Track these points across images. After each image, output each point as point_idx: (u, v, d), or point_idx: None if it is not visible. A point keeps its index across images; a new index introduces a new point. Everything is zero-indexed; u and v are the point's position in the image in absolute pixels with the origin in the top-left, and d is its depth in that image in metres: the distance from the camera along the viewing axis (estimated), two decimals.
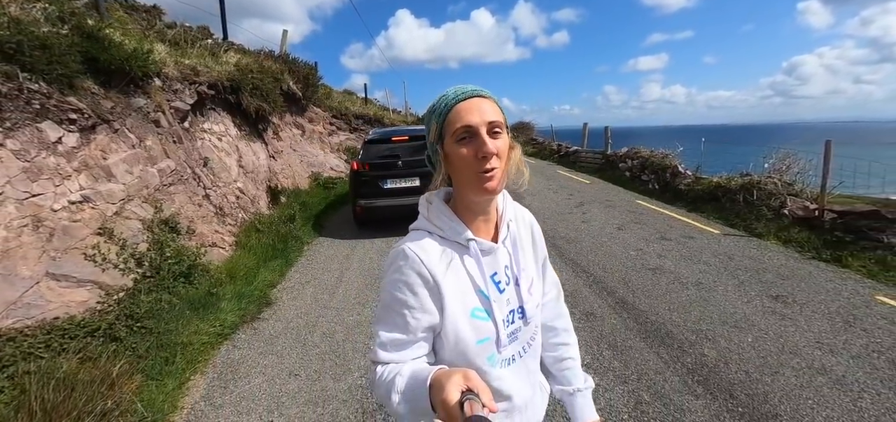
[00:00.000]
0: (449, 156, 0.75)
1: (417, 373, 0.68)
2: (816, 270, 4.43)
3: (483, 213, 0.80)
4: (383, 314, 0.77)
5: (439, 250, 0.77)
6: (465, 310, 0.76)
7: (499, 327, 0.77)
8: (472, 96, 0.74)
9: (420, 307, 0.73)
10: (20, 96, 2.98)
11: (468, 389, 0.56)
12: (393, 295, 0.75)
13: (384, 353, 0.75)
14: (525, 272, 0.84)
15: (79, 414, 1.97)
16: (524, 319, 0.83)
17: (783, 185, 6.22)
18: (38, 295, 2.65)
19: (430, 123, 0.78)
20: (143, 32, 4.92)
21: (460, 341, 0.75)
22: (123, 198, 3.54)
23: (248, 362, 2.95)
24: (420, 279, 0.73)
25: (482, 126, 0.71)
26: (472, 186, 0.74)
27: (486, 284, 0.78)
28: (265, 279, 4.25)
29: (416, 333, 0.74)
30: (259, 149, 6.97)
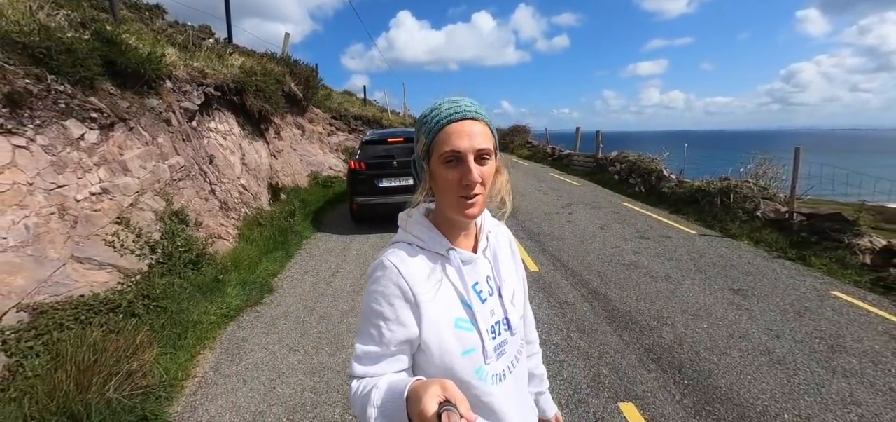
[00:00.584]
0: (434, 175, 0.74)
1: (394, 385, 0.68)
2: (780, 268, 4.77)
3: (463, 226, 0.81)
4: (361, 327, 0.77)
5: (419, 261, 0.76)
6: (449, 320, 0.75)
7: (484, 337, 0.77)
8: (465, 118, 0.72)
9: (396, 319, 0.73)
10: (48, 96, 3.29)
11: (446, 399, 0.56)
12: (370, 307, 0.75)
13: (360, 366, 0.74)
14: (506, 283, 0.85)
15: (109, 373, 2.28)
16: (510, 330, 0.82)
17: (758, 189, 6.58)
18: (65, 275, 2.96)
19: (419, 136, 0.77)
20: (155, 36, 5.23)
21: (445, 352, 0.74)
22: (138, 191, 3.86)
23: (252, 340, 3.26)
24: (397, 290, 0.73)
25: (470, 153, 0.71)
26: (452, 208, 0.75)
27: (468, 294, 0.77)
28: (267, 269, 4.57)
29: (391, 346, 0.73)
30: (261, 148, 7.29)
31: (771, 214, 5.97)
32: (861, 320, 3.55)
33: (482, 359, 0.76)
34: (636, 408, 2.43)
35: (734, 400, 2.50)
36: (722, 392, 2.57)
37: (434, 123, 0.73)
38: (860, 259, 4.71)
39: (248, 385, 2.71)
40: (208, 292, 3.65)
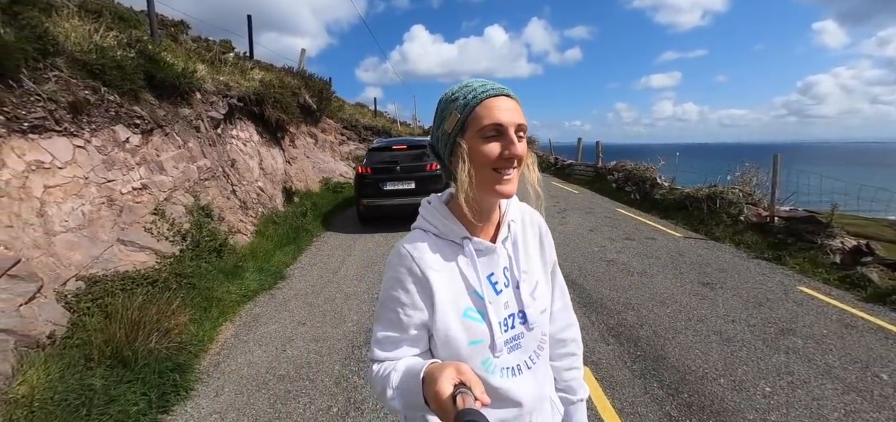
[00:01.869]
0: (469, 151, 0.71)
1: (411, 367, 0.69)
2: (755, 266, 5.09)
3: (485, 212, 0.77)
4: (380, 313, 0.78)
5: (434, 248, 0.76)
6: (457, 309, 0.74)
7: (494, 330, 0.75)
8: (502, 94, 0.71)
9: (411, 304, 0.73)
10: (102, 105, 3.90)
11: (461, 382, 0.57)
12: (388, 293, 0.75)
13: (380, 351, 0.76)
14: (527, 275, 0.81)
15: (151, 329, 2.79)
16: (526, 324, 0.79)
17: (744, 194, 6.89)
18: (113, 254, 3.51)
19: (449, 112, 0.73)
20: (187, 53, 5.89)
21: (451, 340, 0.74)
22: (171, 187, 4.43)
23: (267, 316, 3.76)
24: (411, 276, 0.73)
25: (511, 126, 0.69)
26: (486, 187, 0.71)
27: (481, 285, 0.75)
28: (280, 260, 5.09)
29: (409, 330, 0.74)
30: (277, 154, 7.90)
31: (753, 219, 6.28)
32: (818, 310, 3.88)
33: (490, 352, 0.75)
34: (591, 372, 2.83)
35: (678, 367, 2.89)
36: (669, 362, 2.96)
37: (471, 97, 0.71)
38: (831, 258, 5.00)
39: (262, 348, 3.20)
40: (229, 276, 4.17)
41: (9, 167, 2.98)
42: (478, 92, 0.70)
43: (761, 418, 2.39)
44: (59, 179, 3.31)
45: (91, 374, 2.46)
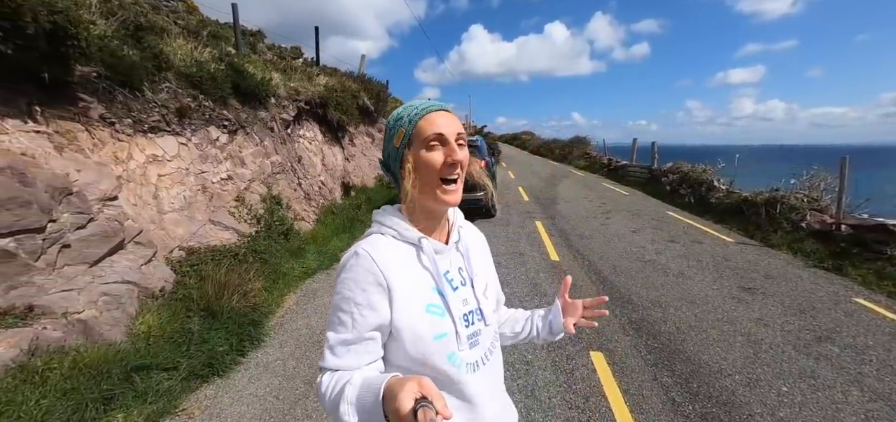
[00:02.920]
0: (415, 162, 0.76)
1: (369, 382, 0.67)
2: (809, 275, 4.84)
3: (436, 219, 0.83)
4: (333, 316, 0.77)
5: (392, 248, 0.78)
6: (420, 305, 0.76)
7: (456, 323, 0.78)
8: (441, 109, 0.78)
9: (367, 304, 0.73)
10: (199, 110, 4.74)
11: (422, 396, 0.56)
12: (342, 294, 0.75)
13: (332, 357, 0.74)
14: (479, 276, 0.87)
15: (233, 291, 3.46)
16: (483, 320, 0.84)
17: (809, 199, 6.43)
18: (205, 232, 4.30)
19: (396, 129, 0.79)
20: (264, 64, 6.78)
21: (418, 336, 0.75)
22: (250, 179, 5.23)
23: (323, 290, 4.36)
24: (370, 275, 0.73)
25: (452, 136, 0.75)
26: (432, 195, 0.76)
27: (440, 281, 0.79)
28: (336, 245, 5.73)
29: (363, 331, 0.73)
30: (337, 152, 8.70)
31: (816, 226, 5.87)
32: (869, 322, 3.69)
33: (455, 344, 0.78)
34: (604, 356, 3.04)
35: (693, 361, 2.99)
36: (685, 356, 3.07)
37: (414, 113, 0.77)
38: None
39: (318, 315, 3.77)
40: (294, 255, 4.86)
41: (134, 159, 3.82)
42: (419, 109, 0.78)
43: (769, 413, 2.46)
44: (168, 170, 4.13)
45: (190, 321, 3.15)
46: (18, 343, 2.39)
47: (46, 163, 2.93)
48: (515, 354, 3.05)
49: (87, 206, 3.03)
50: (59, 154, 3.11)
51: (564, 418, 2.37)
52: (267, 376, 2.85)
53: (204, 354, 2.90)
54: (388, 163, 0.84)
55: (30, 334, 2.46)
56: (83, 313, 2.75)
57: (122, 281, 3.08)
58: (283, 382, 2.78)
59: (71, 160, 3.14)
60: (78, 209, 2.96)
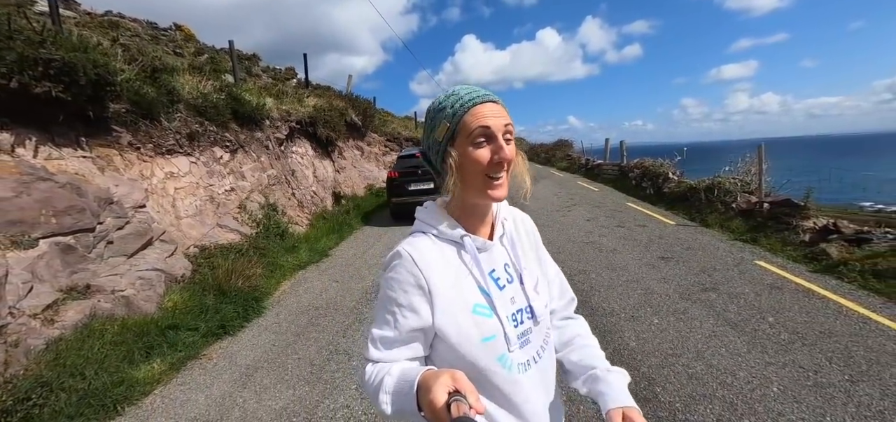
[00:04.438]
0: (460, 158, 0.73)
1: (406, 373, 0.68)
2: (726, 246, 5.70)
3: (480, 214, 0.80)
4: (376, 312, 0.78)
5: (435, 249, 0.77)
6: (466, 306, 0.74)
7: (504, 324, 0.75)
8: (488, 100, 0.73)
9: (408, 306, 0.73)
10: (205, 133, 5.67)
11: (456, 390, 0.56)
12: (386, 293, 0.76)
13: (375, 350, 0.75)
14: (528, 271, 0.83)
15: (238, 275, 4.34)
16: (534, 318, 0.80)
17: (741, 184, 7.31)
18: (215, 233, 5.19)
19: (439, 122, 0.75)
20: (259, 90, 7.73)
21: (464, 339, 0.74)
22: (250, 190, 6.14)
23: (312, 278, 5.24)
24: (411, 278, 0.73)
25: (499, 130, 0.72)
26: (478, 191, 0.74)
27: (485, 281, 0.77)
28: (326, 244, 6.62)
29: (404, 332, 0.74)
30: (328, 165, 9.64)
31: (743, 205, 6.74)
32: (757, 278, 4.52)
33: (505, 346, 0.75)
34: None
35: (594, 308, 3.85)
36: (590, 305, 3.92)
37: (458, 106, 0.73)
38: (800, 237, 5.47)
39: (307, 294, 4.64)
40: (289, 252, 5.75)
41: (156, 176, 4.74)
42: (465, 100, 0.73)
43: (636, 336, 3.30)
44: (183, 183, 5.05)
45: (206, 297, 4.03)
46: (82, 311, 3.27)
47: (93, 180, 3.85)
48: None
49: (124, 212, 3.94)
50: (101, 173, 4.02)
51: None
52: (266, 333, 3.73)
53: (217, 319, 3.78)
54: (428, 155, 0.81)
55: (89, 305, 3.34)
56: (126, 291, 3.63)
57: (153, 269, 3.97)
58: (278, 337, 3.65)
59: (110, 177, 4.06)
60: (118, 215, 3.87)
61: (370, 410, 2.50)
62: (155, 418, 2.59)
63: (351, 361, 3.11)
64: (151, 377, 3.00)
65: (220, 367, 3.18)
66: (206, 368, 3.19)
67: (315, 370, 3.01)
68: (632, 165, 11.46)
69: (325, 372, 2.98)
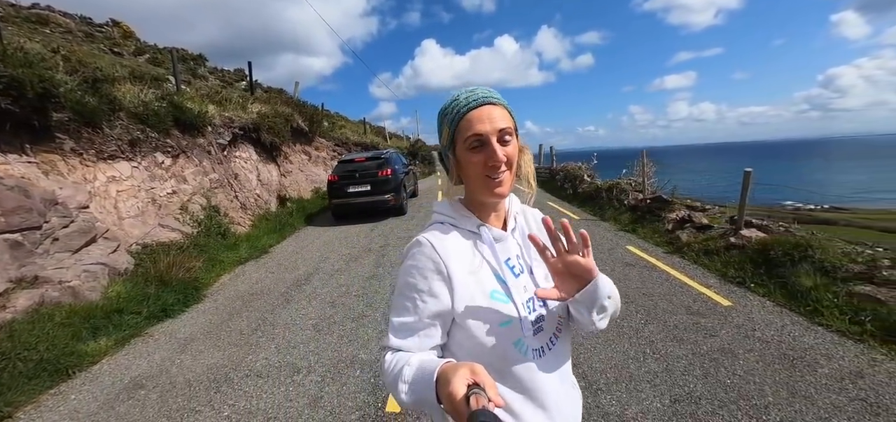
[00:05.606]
0: (461, 161, 0.79)
1: (425, 364, 0.70)
2: (610, 234, 6.87)
3: (493, 208, 0.85)
4: (396, 300, 0.81)
5: (453, 237, 0.80)
6: (484, 292, 0.77)
7: (520, 309, 0.78)
8: (483, 104, 0.77)
9: (428, 291, 0.76)
10: (147, 140, 6.07)
11: (475, 383, 0.57)
12: (405, 280, 0.79)
13: (395, 338, 0.78)
14: (537, 262, 0.85)
15: (179, 268, 4.86)
16: (545, 306, 0.83)
17: (635, 185, 8.64)
18: (156, 232, 5.63)
19: (442, 127, 0.82)
20: (201, 98, 8.10)
21: (482, 323, 0.76)
22: (192, 193, 6.58)
23: (250, 271, 5.81)
24: (430, 263, 0.76)
25: (493, 135, 0.75)
26: (482, 191, 0.79)
27: (501, 268, 0.80)
28: (267, 242, 7.16)
29: (424, 317, 0.76)
30: (272, 169, 10.08)
31: (633, 202, 8.03)
32: (622, 258, 5.65)
33: (520, 331, 0.77)
34: None
35: None
36: None
37: (455, 112, 0.78)
38: (665, 226, 6.75)
39: (244, 284, 5.23)
40: (229, 249, 6.27)
41: (98, 179, 5.14)
42: (461, 105, 0.78)
43: None
44: (124, 187, 5.47)
45: (148, 288, 4.54)
46: (32, 298, 3.73)
47: (39, 183, 4.26)
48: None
49: (68, 212, 4.38)
50: (46, 177, 4.43)
51: None
52: (204, 315, 4.32)
53: (159, 305, 4.32)
54: (442, 155, 0.87)
55: (38, 294, 3.80)
56: (72, 282, 4.10)
57: (97, 263, 4.43)
58: (214, 316, 4.25)
59: (55, 181, 4.47)
60: (62, 214, 4.31)
61: (283, 360, 3.22)
62: (102, 379, 3.15)
63: (274, 329, 3.81)
64: (98, 351, 3.53)
65: (161, 341, 3.76)
66: (149, 342, 3.75)
67: (243, 337, 3.67)
68: (558, 169, 12.77)
69: (251, 338, 3.65)
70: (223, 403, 2.70)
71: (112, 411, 2.69)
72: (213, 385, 2.92)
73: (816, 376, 2.83)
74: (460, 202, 0.87)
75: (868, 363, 2.98)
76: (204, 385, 2.92)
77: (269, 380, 2.93)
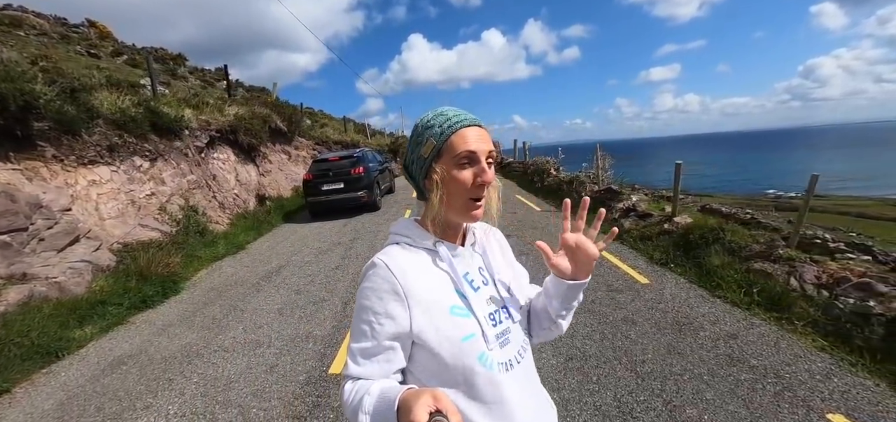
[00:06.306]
0: (443, 176, 0.77)
1: (386, 393, 0.68)
2: (560, 221, 7.45)
3: (453, 227, 0.86)
4: (354, 326, 0.78)
5: (408, 256, 0.80)
6: (443, 308, 0.77)
7: (482, 323, 0.78)
8: (474, 124, 0.78)
9: (385, 313, 0.74)
10: (125, 145, 6.44)
11: (437, 410, 0.56)
12: (361, 304, 0.77)
13: (354, 365, 0.76)
14: (500, 273, 0.89)
15: (159, 263, 5.28)
16: (511, 317, 0.85)
17: (591, 178, 9.25)
18: (136, 232, 6.02)
19: (425, 139, 0.79)
20: (178, 102, 8.43)
21: (444, 339, 0.76)
22: (170, 194, 6.97)
23: (226, 266, 6.24)
24: (386, 284, 0.75)
25: (483, 155, 0.77)
26: (459, 211, 0.79)
27: (459, 283, 0.80)
28: (244, 239, 7.58)
29: (382, 340, 0.75)
30: (251, 169, 10.45)
31: (589, 194, 8.64)
32: None
33: (484, 344, 0.78)
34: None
35: None
36: None
37: (446, 126, 0.77)
38: (613, 215, 7.35)
39: (220, 277, 5.68)
40: (207, 246, 6.69)
41: (80, 183, 5.52)
42: (453, 121, 0.78)
43: None
44: (105, 190, 5.85)
45: (129, 282, 4.96)
46: (22, 292, 4.14)
47: (23, 188, 4.65)
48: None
49: (52, 214, 4.77)
50: (30, 182, 4.81)
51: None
52: (181, 305, 4.77)
53: (140, 297, 4.75)
54: (409, 169, 0.86)
55: (27, 288, 4.21)
56: (58, 278, 4.51)
57: (81, 261, 4.84)
58: (190, 305, 4.71)
59: (38, 186, 4.85)
60: (47, 217, 4.71)
61: (248, 338, 3.71)
62: (89, 359, 3.60)
63: (243, 314, 4.28)
64: (85, 337, 3.97)
65: (141, 327, 4.21)
66: (130, 329, 4.20)
67: (215, 321, 4.14)
68: (530, 163, 13.36)
69: (222, 322, 4.12)
70: (193, 372, 3.18)
71: (98, 384, 3.15)
72: (186, 359, 3.40)
73: (697, 337, 3.42)
74: (416, 222, 0.86)
75: (745, 327, 3.58)
76: (178, 360, 3.40)
77: (235, 353, 3.42)
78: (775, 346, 3.24)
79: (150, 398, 2.89)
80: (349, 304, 4.34)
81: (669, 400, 2.61)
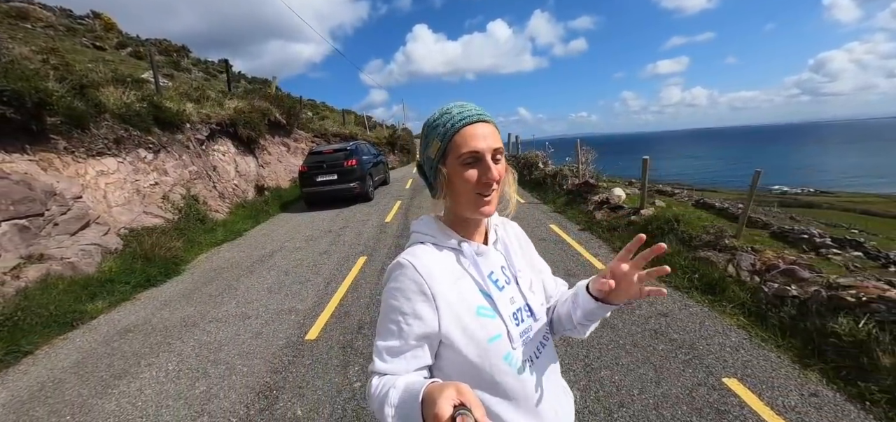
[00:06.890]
0: (450, 175, 0.78)
1: (410, 386, 0.69)
2: (543, 216, 7.88)
3: (473, 224, 0.86)
4: (381, 324, 0.79)
5: (434, 256, 0.80)
6: (470, 308, 0.78)
7: (507, 323, 0.80)
8: (478, 120, 0.77)
9: (412, 313, 0.75)
10: (130, 138, 6.93)
11: (461, 403, 0.57)
12: (388, 303, 0.78)
13: (380, 362, 0.77)
14: (522, 272, 0.89)
15: (161, 249, 5.78)
16: (533, 316, 0.86)
17: (574, 171, 9.65)
18: (141, 218, 6.53)
19: (431, 140, 0.80)
20: (180, 97, 8.91)
21: (471, 340, 0.77)
22: (173, 184, 7.47)
23: (225, 251, 6.75)
24: (414, 285, 0.76)
25: (488, 153, 0.76)
26: (469, 207, 0.79)
27: (485, 283, 0.81)
28: (242, 227, 8.09)
29: (409, 340, 0.76)
30: (250, 161, 10.94)
31: (570, 187, 9.05)
32: (543, 235, 6.66)
33: (509, 344, 0.79)
34: (366, 259, 5.71)
35: None
36: None
37: (449, 126, 0.77)
38: (588, 207, 7.77)
39: (218, 261, 6.18)
40: (207, 233, 7.19)
41: (89, 173, 6.02)
42: (455, 120, 0.77)
43: None
44: (112, 180, 6.35)
45: (135, 263, 5.47)
46: (40, 270, 4.65)
47: (39, 177, 5.15)
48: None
49: (65, 202, 5.28)
50: (45, 172, 5.31)
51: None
52: (181, 284, 5.27)
53: (144, 276, 5.26)
54: (423, 167, 0.87)
55: (45, 267, 4.72)
56: (72, 259, 5.02)
57: (91, 243, 5.35)
58: (190, 284, 5.21)
59: (52, 176, 5.36)
60: (60, 204, 5.21)
61: (239, 311, 4.20)
62: (100, 328, 4.11)
63: (237, 292, 4.78)
64: (96, 310, 4.48)
65: (146, 303, 4.72)
66: (136, 304, 4.71)
67: (211, 298, 4.65)
68: (521, 157, 13.75)
69: (218, 298, 4.62)
70: (190, 338, 3.68)
71: (108, 347, 3.66)
72: (184, 328, 3.90)
73: (632, 315, 3.85)
74: (440, 219, 0.87)
75: (679, 308, 4.01)
76: (177, 329, 3.90)
77: (226, 323, 3.92)
78: (700, 324, 3.67)
79: (153, 358, 3.40)
80: (331, 283, 4.82)
81: (589, 364, 3.07)
